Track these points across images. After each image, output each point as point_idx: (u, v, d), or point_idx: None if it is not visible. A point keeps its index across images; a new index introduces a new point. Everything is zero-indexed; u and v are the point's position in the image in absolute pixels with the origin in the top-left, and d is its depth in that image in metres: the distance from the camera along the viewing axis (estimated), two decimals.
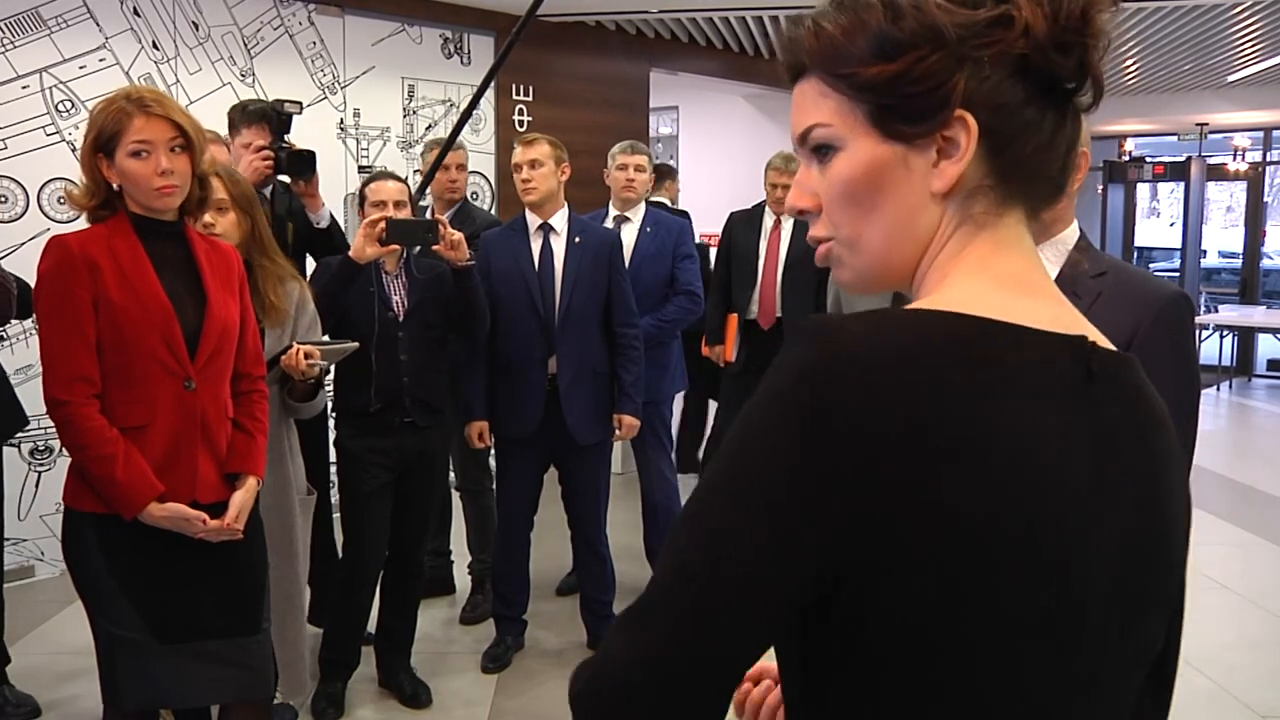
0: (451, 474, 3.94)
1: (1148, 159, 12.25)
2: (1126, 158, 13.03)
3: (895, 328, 0.68)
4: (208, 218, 2.55)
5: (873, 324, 0.68)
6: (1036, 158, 0.74)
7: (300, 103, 3.52)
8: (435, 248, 3.16)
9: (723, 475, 0.69)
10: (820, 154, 0.78)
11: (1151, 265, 15.27)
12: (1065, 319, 0.74)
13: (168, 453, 2.16)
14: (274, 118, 3.39)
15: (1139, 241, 12.54)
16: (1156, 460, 0.76)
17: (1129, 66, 9.13)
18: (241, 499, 2.26)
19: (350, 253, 3.09)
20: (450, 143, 3.78)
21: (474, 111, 4.05)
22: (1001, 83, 0.71)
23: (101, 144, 2.13)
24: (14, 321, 3.50)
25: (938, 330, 0.68)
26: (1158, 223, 17.85)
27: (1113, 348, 0.75)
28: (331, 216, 3.65)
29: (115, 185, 2.16)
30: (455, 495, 4.25)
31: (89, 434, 2.11)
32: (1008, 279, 0.74)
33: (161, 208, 2.18)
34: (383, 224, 3.03)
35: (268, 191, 3.41)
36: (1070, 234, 1.76)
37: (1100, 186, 11.74)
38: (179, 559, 2.18)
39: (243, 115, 3.51)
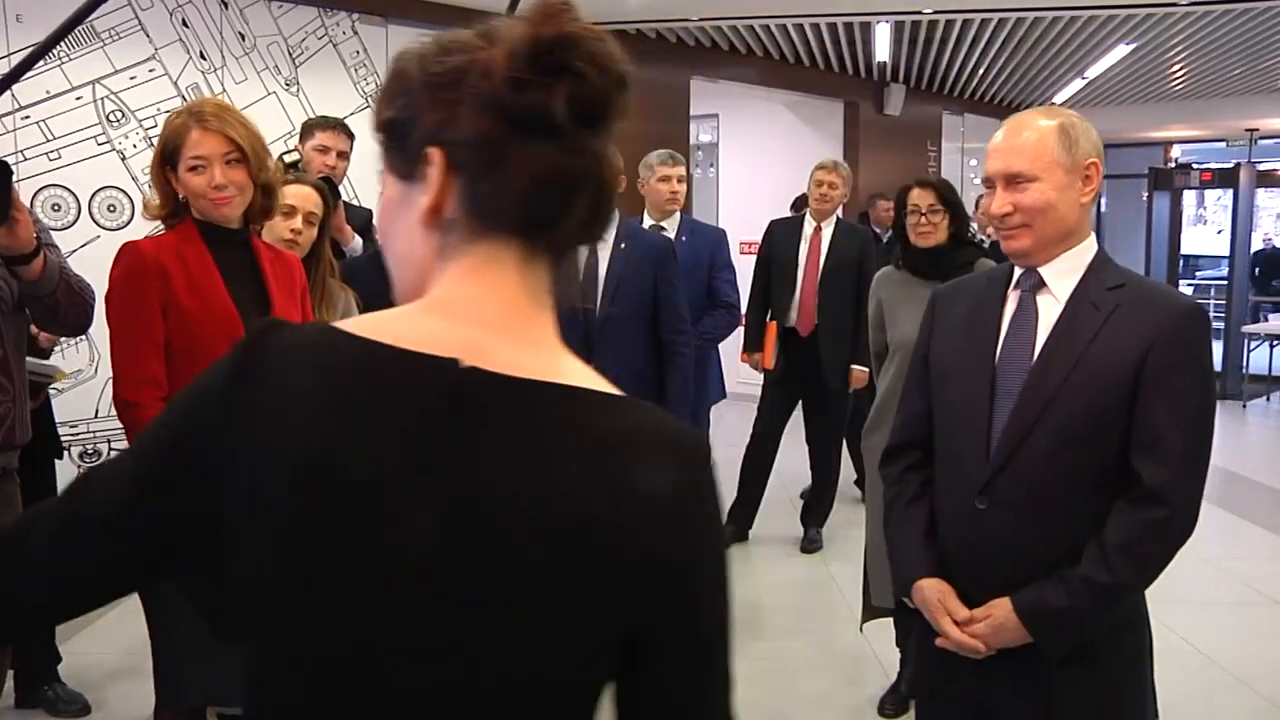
0: None
1: (1194, 166, 12.06)
2: (1172, 164, 12.85)
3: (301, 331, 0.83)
4: (298, 223, 2.68)
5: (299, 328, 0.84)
6: (505, 189, 0.78)
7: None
8: None
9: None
10: None
11: (1198, 273, 15.03)
12: (472, 343, 0.78)
13: None
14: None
15: (1185, 249, 12.33)
16: (532, 481, 0.76)
17: (1175, 72, 9.01)
18: None
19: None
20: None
21: None
22: (468, 121, 0.77)
23: (166, 157, 2.20)
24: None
25: (311, 339, 0.81)
26: (1205, 230, 17.54)
27: (520, 374, 0.78)
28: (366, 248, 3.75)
29: (181, 195, 2.22)
30: None
31: None
32: (437, 303, 0.81)
33: (220, 218, 2.23)
34: None
35: None
36: (1086, 247, 1.79)
37: (1145, 194, 11.58)
38: None
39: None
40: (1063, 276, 1.77)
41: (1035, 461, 1.70)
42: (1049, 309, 1.77)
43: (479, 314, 0.80)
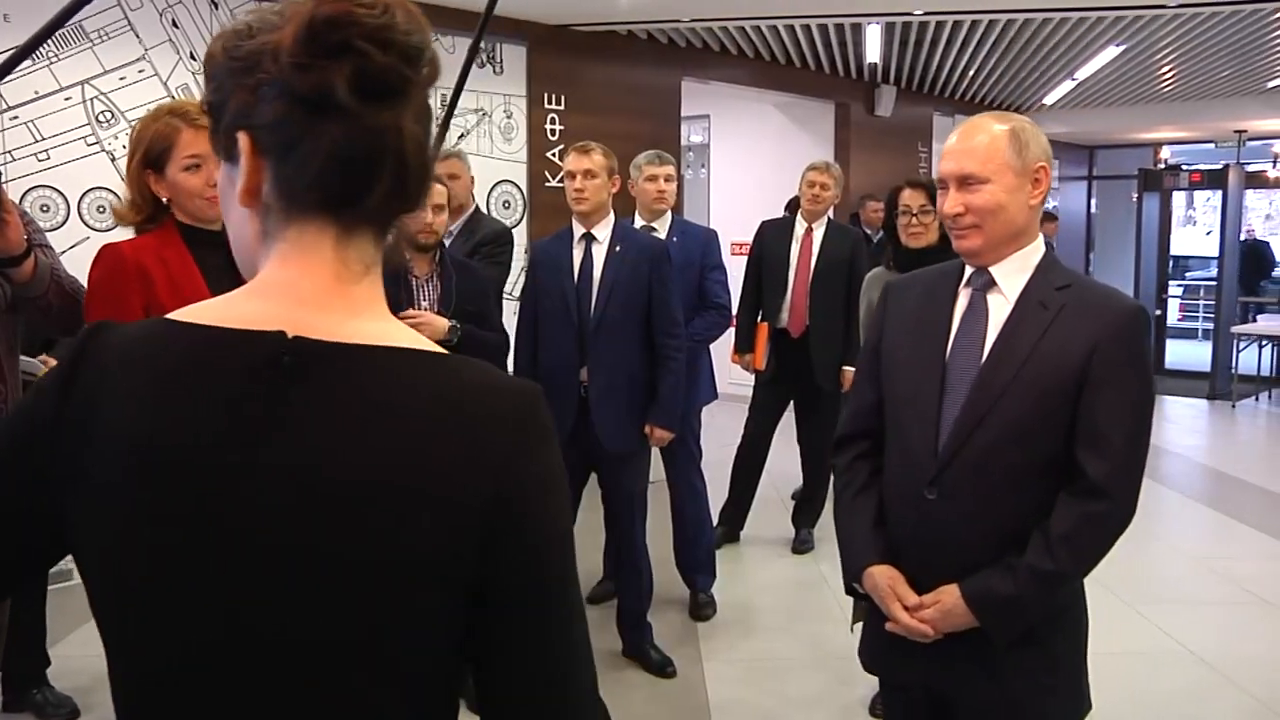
0: None
1: (1184, 167, 12.10)
2: (1162, 166, 12.89)
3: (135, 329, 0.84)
4: None
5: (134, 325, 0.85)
6: (304, 171, 0.79)
7: None
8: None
9: None
10: None
11: (1188, 274, 15.09)
12: (293, 318, 0.79)
13: None
14: None
15: (1175, 250, 12.37)
16: (361, 445, 0.77)
17: (1165, 73, 9.04)
18: None
19: None
20: (439, 142, 3.79)
21: (506, 119, 4.03)
22: (266, 105, 0.79)
23: (151, 159, 2.16)
24: None
25: (141, 332, 0.83)
26: (1194, 231, 17.61)
27: (343, 340, 0.79)
28: None
29: (164, 198, 2.19)
30: None
31: None
32: (258, 287, 0.83)
33: (213, 216, 2.21)
34: None
35: None
36: (1034, 249, 1.86)
37: (1135, 195, 11.61)
38: None
39: None
40: (1012, 276, 1.84)
41: (983, 455, 1.77)
42: (999, 308, 1.84)
43: (298, 294, 0.81)
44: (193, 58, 4.85)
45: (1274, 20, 6.76)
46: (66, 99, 4.50)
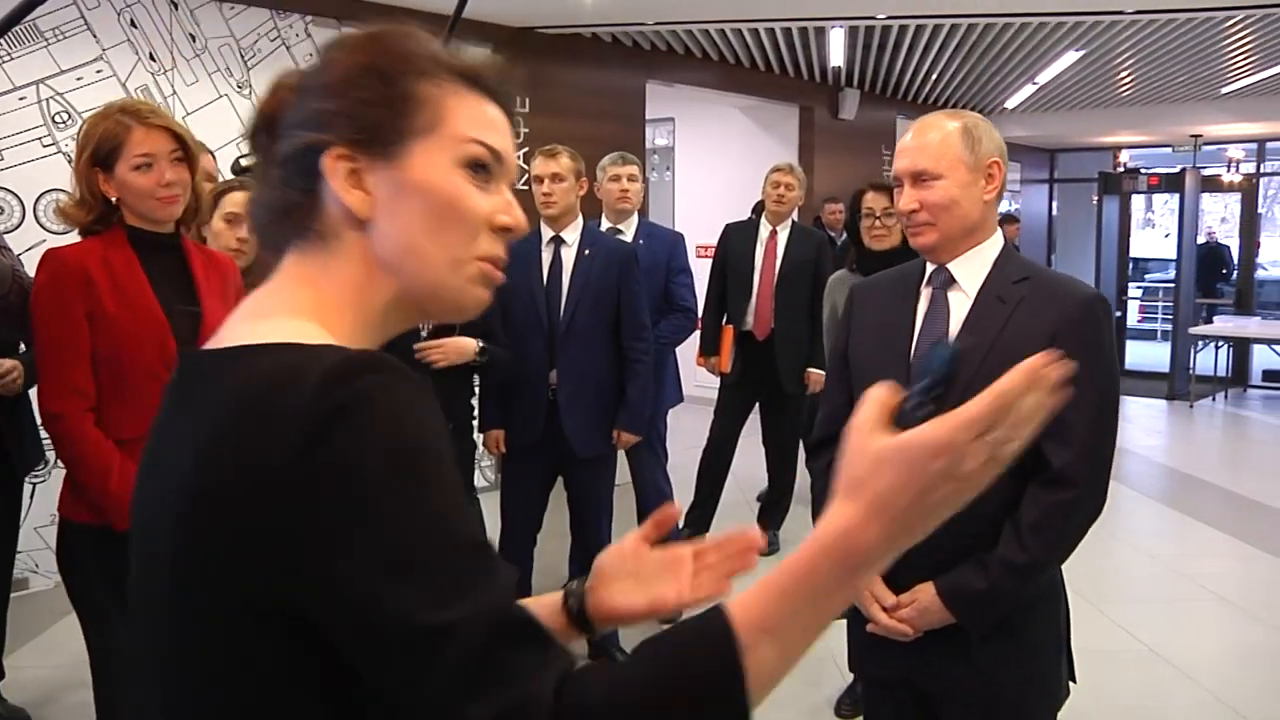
0: None
1: (1142, 170, 12.28)
2: (1121, 169, 13.07)
3: None
4: (244, 231, 2.64)
5: None
6: None
7: None
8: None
9: None
10: None
11: (1147, 275, 15.32)
12: (228, 333, 0.83)
13: None
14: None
15: (1134, 252, 12.54)
16: (190, 447, 0.75)
17: (1123, 78, 9.17)
18: None
19: None
20: None
21: None
22: None
23: (100, 158, 2.13)
24: None
25: None
26: (1153, 233, 17.87)
27: (229, 345, 0.79)
28: None
29: (113, 198, 2.16)
30: None
31: (84, 446, 2.11)
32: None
33: (165, 217, 2.18)
34: None
35: None
36: (991, 244, 1.87)
37: (1095, 198, 11.77)
38: None
39: None
40: (970, 272, 1.85)
41: None
42: (959, 305, 1.85)
43: (243, 308, 0.86)
44: (152, 58, 4.79)
45: (1227, 27, 6.88)
46: (20, 99, 4.42)
